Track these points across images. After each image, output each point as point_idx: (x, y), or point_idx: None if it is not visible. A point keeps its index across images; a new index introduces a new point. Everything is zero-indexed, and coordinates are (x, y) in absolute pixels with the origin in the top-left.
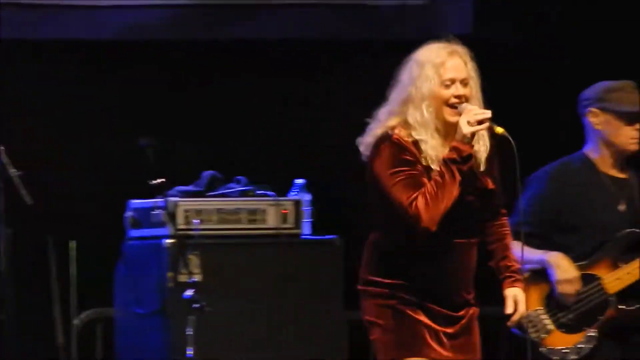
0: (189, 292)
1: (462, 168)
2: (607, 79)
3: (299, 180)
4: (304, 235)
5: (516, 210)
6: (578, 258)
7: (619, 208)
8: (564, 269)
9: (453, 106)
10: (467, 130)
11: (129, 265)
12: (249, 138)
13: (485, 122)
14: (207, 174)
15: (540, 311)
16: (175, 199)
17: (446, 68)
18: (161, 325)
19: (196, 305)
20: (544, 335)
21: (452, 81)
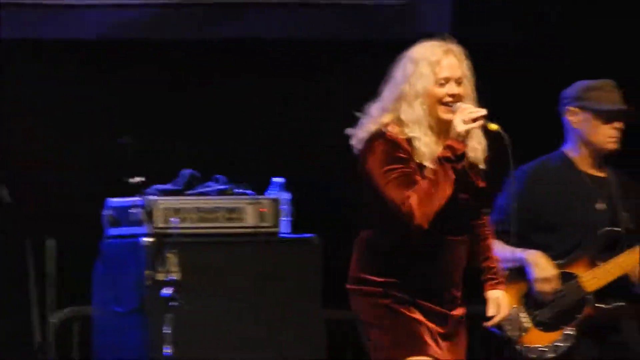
0: (167, 291)
1: (456, 166)
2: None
3: (277, 179)
4: (282, 234)
5: (496, 209)
6: (556, 256)
7: (597, 207)
8: (542, 267)
9: (447, 105)
10: (461, 128)
11: (107, 264)
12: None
13: (479, 120)
14: (186, 172)
15: (518, 309)
16: (153, 197)
17: (441, 66)
18: (139, 323)
19: (174, 304)
20: (521, 334)
21: (447, 80)
